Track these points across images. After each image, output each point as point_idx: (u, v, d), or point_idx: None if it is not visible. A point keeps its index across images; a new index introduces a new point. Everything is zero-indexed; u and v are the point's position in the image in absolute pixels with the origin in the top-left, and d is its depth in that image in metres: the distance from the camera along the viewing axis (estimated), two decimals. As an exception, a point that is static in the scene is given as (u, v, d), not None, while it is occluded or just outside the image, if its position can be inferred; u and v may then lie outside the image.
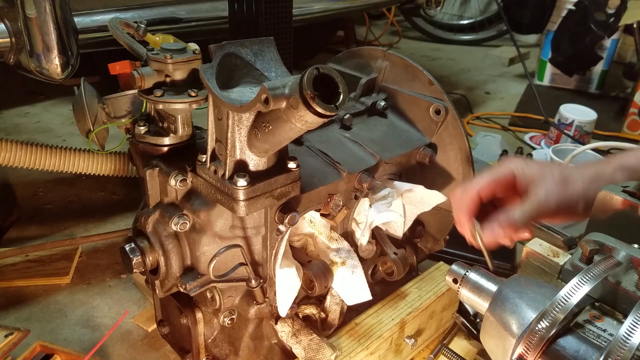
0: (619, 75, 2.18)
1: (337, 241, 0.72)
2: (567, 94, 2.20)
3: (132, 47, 0.74)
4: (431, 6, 1.93)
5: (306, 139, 0.75)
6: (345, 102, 0.49)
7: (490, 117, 1.97)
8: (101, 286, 1.03)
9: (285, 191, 0.62)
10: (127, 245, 0.67)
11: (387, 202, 0.77)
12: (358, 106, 0.84)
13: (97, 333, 0.91)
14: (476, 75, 2.53)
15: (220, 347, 0.78)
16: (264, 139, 0.56)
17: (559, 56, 2.15)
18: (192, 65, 0.67)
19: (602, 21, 1.99)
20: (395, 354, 0.78)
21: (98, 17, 1.09)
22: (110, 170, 1.00)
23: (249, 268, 0.64)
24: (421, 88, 0.81)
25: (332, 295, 0.75)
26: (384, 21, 3.24)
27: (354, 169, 0.71)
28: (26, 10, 0.81)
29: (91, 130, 0.81)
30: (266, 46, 0.63)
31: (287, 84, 0.49)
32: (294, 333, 0.71)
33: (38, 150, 0.94)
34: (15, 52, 0.87)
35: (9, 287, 1.00)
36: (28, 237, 1.16)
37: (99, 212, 1.27)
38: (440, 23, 3.17)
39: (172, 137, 0.69)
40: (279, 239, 0.66)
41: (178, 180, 0.65)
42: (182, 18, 1.21)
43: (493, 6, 3.08)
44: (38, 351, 0.79)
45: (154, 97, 0.65)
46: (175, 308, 0.77)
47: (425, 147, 0.80)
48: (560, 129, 1.65)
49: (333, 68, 0.49)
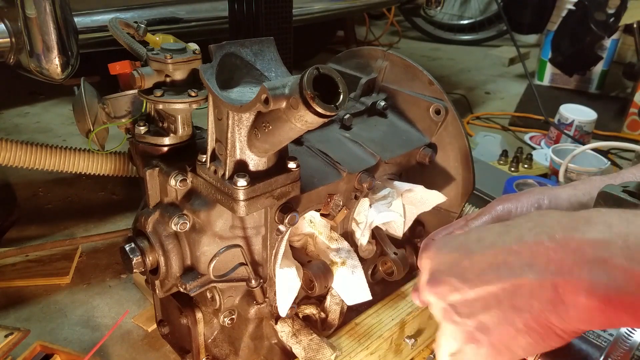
0: (619, 75, 2.18)
1: (337, 241, 0.72)
2: (567, 94, 2.20)
3: (132, 47, 0.74)
4: (431, 6, 1.93)
5: (306, 139, 0.75)
6: (345, 102, 0.49)
7: (490, 117, 1.97)
8: (101, 286, 1.03)
9: (285, 191, 0.62)
10: (127, 245, 0.67)
11: (387, 202, 0.77)
12: (358, 106, 0.84)
13: (97, 333, 0.91)
14: (476, 75, 2.53)
15: (220, 347, 0.78)
16: (264, 139, 0.56)
17: (559, 56, 2.15)
18: (192, 65, 0.67)
19: (602, 21, 1.99)
20: (395, 354, 0.78)
21: (98, 17, 1.09)
22: (110, 170, 1.00)
23: (249, 268, 0.64)
24: (421, 88, 0.81)
25: (332, 295, 0.75)
26: (384, 21, 3.24)
27: (354, 169, 0.71)
28: (26, 10, 0.81)
29: (91, 130, 0.81)
30: (266, 46, 0.63)
31: (287, 84, 0.49)
32: (294, 333, 0.71)
33: (38, 150, 0.94)
34: (15, 52, 0.87)
35: (9, 287, 1.00)
36: (28, 237, 1.16)
37: (99, 212, 1.27)
38: (440, 23, 3.17)
39: (172, 137, 0.69)
40: (279, 239, 0.66)
41: (178, 180, 0.65)
42: (182, 18, 1.21)
43: (493, 6, 3.08)
44: (38, 351, 0.79)
45: (154, 97, 0.65)
46: (175, 308, 0.77)
47: (425, 147, 0.80)
48: (560, 129, 1.65)
49: (333, 68, 0.49)
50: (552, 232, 0.39)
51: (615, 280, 0.35)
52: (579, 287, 0.37)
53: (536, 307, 0.39)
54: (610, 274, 0.36)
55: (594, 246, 0.37)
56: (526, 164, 1.46)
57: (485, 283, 0.42)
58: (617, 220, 0.37)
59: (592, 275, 0.36)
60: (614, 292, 0.35)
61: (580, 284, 0.37)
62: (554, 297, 0.38)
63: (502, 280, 0.41)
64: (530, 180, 1.25)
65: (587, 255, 0.37)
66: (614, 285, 0.35)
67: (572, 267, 0.37)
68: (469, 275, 0.43)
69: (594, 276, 0.36)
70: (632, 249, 0.35)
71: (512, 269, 0.40)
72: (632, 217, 0.37)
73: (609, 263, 0.36)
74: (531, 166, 1.46)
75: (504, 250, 0.42)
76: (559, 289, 0.38)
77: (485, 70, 2.61)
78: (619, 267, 0.35)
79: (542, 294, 0.39)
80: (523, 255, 0.40)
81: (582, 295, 0.37)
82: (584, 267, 0.37)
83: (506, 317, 0.41)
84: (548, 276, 0.38)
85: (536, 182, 1.25)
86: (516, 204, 0.55)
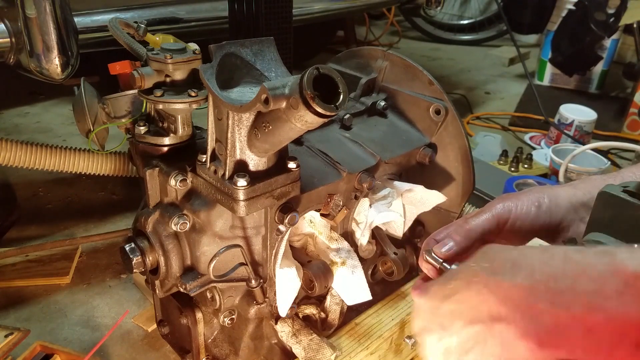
0: (619, 75, 2.18)
1: (337, 241, 0.72)
2: (567, 94, 2.19)
3: (132, 47, 0.74)
4: (431, 6, 1.93)
5: (306, 139, 0.75)
6: (345, 102, 0.49)
7: (490, 117, 1.97)
8: (101, 286, 1.03)
9: (285, 191, 0.62)
10: (127, 245, 0.67)
11: (387, 202, 0.77)
12: (358, 106, 0.84)
13: (97, 333, 0.91)
14: (476, 75, 2.53)
15: (220, 347, 0.78)
16: (264, 139, 0.56)
17: (559, 56, 2.15)
18: (192, 65, 0.67)
19: (602, 21, 1.99)
20: (395, 354, 0.78)
21: (98, 17, 1.09)
22: (110, 170, 1.00)
23: (249, 268, 0.64)
24: (421, 88, 0.81)
25: (332, 295, 0.75)
26: (384, 21, 3.24)
27: (354, 169, 0.71)
28: (26, 10, 0.81)
29: (91, 130, 0.81)
30: (266, 46, 0.63)
31: (287, 84, 0.49)
32: (294, 333, 0.71)
33: (38, 150, 0.94)
34: (15, 52, 0.87)
35: (9, 287, 1.00)
36: (28, 237, 1.16)
37: (99, 212, 1.27)
38: (440, 23, 3.17)
39: (172, 137, 0.69)
40: (279, 239, 0.66)
41: (178, 180, 0.65)
42: (182, 18, 1.21)
43: (493, 6, 3.08)
44: (38, 351, 0.79)
45: (154, 97, 0.65)
46: (175, 308, 0.77)
47: (425, 147, 0.80)
48: (560, 129, 1.65)
49: (333, 68, 0.49)
50: (486, 278, 0.42)
51: (544, 324, 0.38)
52: (516, 333, 0.39)
53: (496, 351, 0.42)
54: (538, 318, 0.38)
55: (519, 292, 0.39)
56: (526, 164, 1.46)
57: (457, 331, 0.44)
58: (537, 262, 0.40)
59: (524, 321, 0.39)
60: (545, 335, 0.38)
61: (516, 329, 0.39)
62: (503, 340, 0.40)
63: (465, 328, 0.44)
64: (530, 180, 1.25)
65: (515, 301, 0.39)
66: (544, 329, 0.38)
67: (507, 314, 0.40)
68: (445, 324, 0.46)
69: (525, 322, 0.39)
70: (553, 293, 0.38)
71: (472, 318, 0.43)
72: (549, 258, 0.40)
73: (535, 308, 0.38)
74: (531, 166, 1.46)
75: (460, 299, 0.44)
76: (503, 334, 0.40)
77: (485, 70, 2.60)
78: (544, 312, 0.38)
79: (495, 340, 0.41)
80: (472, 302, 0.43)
81: (521, 339, 0.39)
82: (516, 314, 0.39)
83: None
84: (492, 324, 0.41)
85: (536, 182, 1.25)
86: (516, 203, 0.55)
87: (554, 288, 0.38)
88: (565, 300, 0.37)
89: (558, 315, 0.37)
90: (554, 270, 0.39)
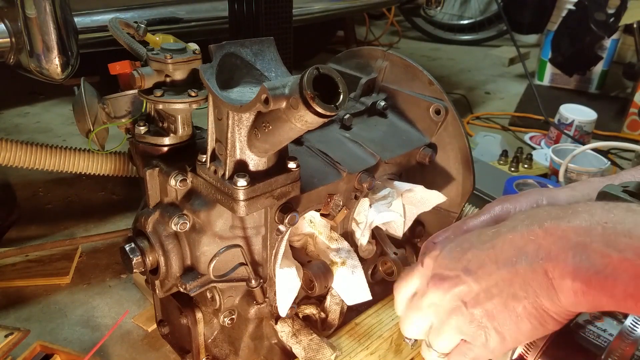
0: (619, 75, 2.18)
1: (337, 241, 0.72)
2: (567, 94, 2.20)
3: (132, 47, 0.74)
4: (431, 6, 1.93)
5: (306, 139, 0.75)
6: (345, 102, 0.49)
7: (490, 117, 1.97)
8: (101, 286, 1.03)
9: (285, 191, 0.62)
10: (127, 245, 0.67)
11: (387, 202, 0.77)
12: (358, 106, 0.84)
13: (97, 333, 0.91)
14: (476, 75, 2.53)
15: (220, 347, 0.78)
16: (264, 139, 0.56)
17: (559, 56, 2.15)
18: (192, 65, 0.67)
19: (602, 21, 1.99)
20: (395, 354, 0.78)
21: (98, 17, 1.09)
22: (110, 170, 1.00)
23: (249, 268, 0.64)
24: (421, 88, 0.81)
25: (332, 295, 0.75)
26: (384, 21, 3.24)
27: (354, 169, 0.71)
28: (26, 10, 0.81)
29: (91, 130, 0.81)
30: (266, 46, 0.63)
31: (287, 84, 0.49)
32: (294, 333, 0.71)
33: (38, 150, 0.94)
34: (15, 52, 0.87)
35: (9, 287, 1.00)
36: (28, 237, 1.16)
37: (99, 212, 1.27)
38: (440, 23, 3.17)
39: (172, 137, 0.69)
40: (279, 239, 0.66)
41: (178, 180, 0.65)
42: (182, 18, 1.21)
43: (493, 6, 3.08)
44: (38, 351, 0.79)
45: (154, 97, 0.65)
46: (175, 308, 0.77)
47: (425, 147, 0.80)
48: (560, 129, 1.65)
49: (333, 68, 0.49)
50: (542, 222, 0.43)
51: (595, 264, 0.38)
52: (564, 271, 0.40)
53: (531, 293, 0.42)
54: (590, 258, 0.39)
55: (576, 232, 0.40)
56: (526, 164, 1.46)
57: (487, 274, 0.45)
58: (599, 210, 0.41)
59: (575, 259, 0.39)
60: (594, 275, 0.39)
61: (565, 268, 0.40)
62: (545, 282, 0.41)
63: (500, 271, 0.44)
64: (530, 180, 1.25)
65: (571, 241, 0.40)
66: (594, 269, 0.38)
67: (559, 253, 0.41)
68: (472, 268, 0.47)
69: (576, 261, 0.39)
70: (609, 235, 0.39)
71: (508, 259, 0.44)
72: (613, 207, 0.41)
73: (589, 248, 0.39)
74: (531, 166, 1.46)
75: (500, 242, 0.45)
76: (549, 274, 0.41)
77: (485, 70, 2.61)
78: (597, 252, 0.39)
79: (535, 280, 0.42)
80: (516, 244, 0.44)
81: (568, 278, 0.40)
82: (569, 252, 0.40)
83: (507, 305, 0.44)
84: (539, 262, 0.42)
85: (536, 182, 1.25)
86: (515, 205, 0.56)
87: (611, 231, 0.39)
88: (620, 243, 0.38)
89: (611, 257, 0.38)
90: (614, 216, 0.40)
